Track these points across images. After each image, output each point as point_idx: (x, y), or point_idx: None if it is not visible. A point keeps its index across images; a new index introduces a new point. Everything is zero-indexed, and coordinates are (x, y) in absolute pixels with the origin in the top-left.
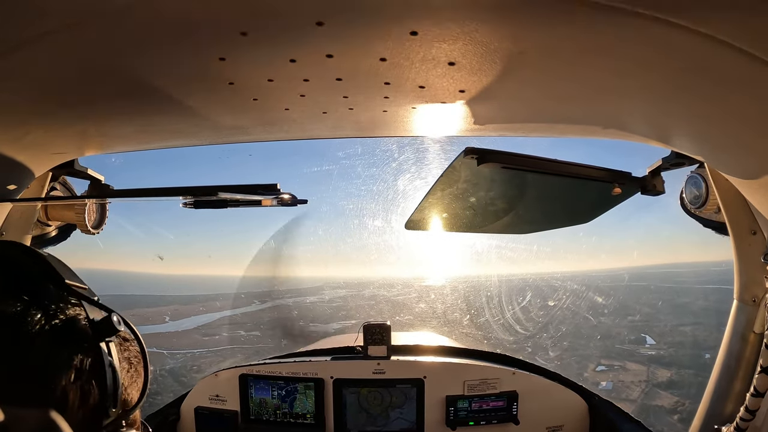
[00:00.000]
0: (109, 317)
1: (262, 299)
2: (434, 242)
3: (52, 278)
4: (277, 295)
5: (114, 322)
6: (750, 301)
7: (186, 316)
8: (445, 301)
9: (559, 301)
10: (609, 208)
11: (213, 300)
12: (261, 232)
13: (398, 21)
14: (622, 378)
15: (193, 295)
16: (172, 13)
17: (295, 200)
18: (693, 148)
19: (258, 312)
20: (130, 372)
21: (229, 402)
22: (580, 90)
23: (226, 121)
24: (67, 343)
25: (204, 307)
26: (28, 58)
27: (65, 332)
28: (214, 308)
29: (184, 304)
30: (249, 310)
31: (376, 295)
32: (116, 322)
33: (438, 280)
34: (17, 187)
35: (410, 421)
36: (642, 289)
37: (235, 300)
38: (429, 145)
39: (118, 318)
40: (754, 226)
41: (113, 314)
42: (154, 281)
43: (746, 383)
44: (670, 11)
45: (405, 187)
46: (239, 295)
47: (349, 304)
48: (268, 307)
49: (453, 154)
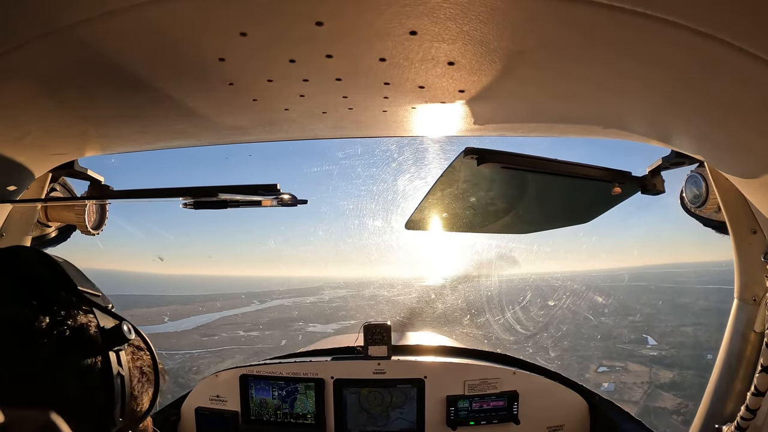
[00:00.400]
0: (119, 326)
1: (262, 299)
2: (435, 242)
3: (64, 284)
4: (276, 295)
5: (124, 332)
6: (750, 300)
7: (185, 316)
8: (446, 301)
9: (559, 301)
10: (609, 208)
11: (213, 300)
12: (260, 232)
13: (398, 21)
14: (624, 379)
15: (193, 296)
16: (171, 13)
17: (295, 200)
18: (693, 147)
19: (257, 312)
20: (142, 381)
21: (229, 402)
22: (579, 89)
23: (225, 121)
24: (76, 350)
25: (203, 307)
26: (28, 58)
27: (74, 339)
28: (214, 308)
29: (183, 305)
30: (248, 311)
31: (376, 295)
32: (126, 331)
33: (438, 280)
34: (17, 187)
35: (411, 421)
36: (642, 289)
37: (234, 300)
38: (429, 146)
39: (128, 327)
40: (754, 225)
41: (124, 323)
42: (153, 281)
43: (747, 382)
44: (671, 10)
45: (405, 188)
46: (239, 295)
47: (349, 304)
48: (268, 307)
49: (453, 154)
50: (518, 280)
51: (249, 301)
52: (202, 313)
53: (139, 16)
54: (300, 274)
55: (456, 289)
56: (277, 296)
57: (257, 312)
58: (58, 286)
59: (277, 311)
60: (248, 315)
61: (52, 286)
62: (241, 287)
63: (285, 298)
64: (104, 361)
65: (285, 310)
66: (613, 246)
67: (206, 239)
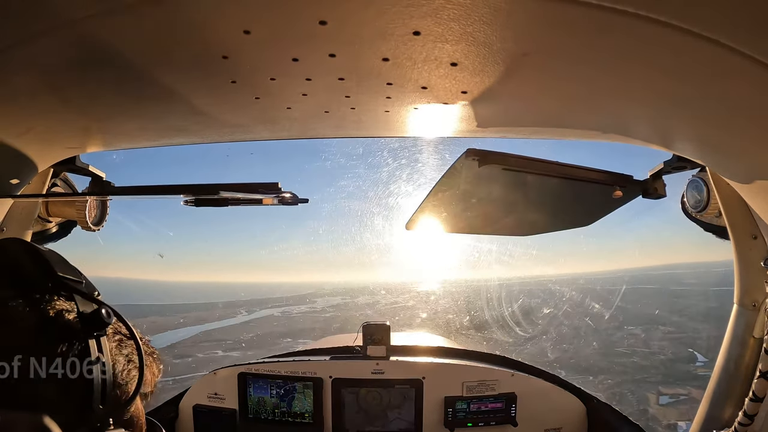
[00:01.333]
0: (98, 310)
1: (250, 308)
2: (436, 244)
3: (44, 271)
4: (265, 304)
5: (103, 316)
6: (750, 305)
7: (164, 329)
8: (446, 303)
9: (555, 307)
10: (610, 211)
11: (195, 310)
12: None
13: (401, 21)
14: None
15: (172, 305)
16: (175, 11)
17: (296, 199)
18: (695, 152)
19: (242, 326)
20: (128, 368)
21: (227, 400)
22: (582, 92)
23: (227, 119)
24: (52, 334)
25: (185, 319)
26: (31, 54)
27: (51, 323)
28: (198, 320)
29: (162, 315)
30: (234, 323)
31: (372, 302)
32: (105, 315)
33: (438, 283)
34: (18, 182)
35: (409, 422)
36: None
37: (220, 311)
38: (430, 146)
39: (107, 311)
40: (755, 230)
41: (103, 308)
42: (132, 288)
43: (745, 388)
44: (674, 14)
45: (406, 188)
46: (228, 304)
47: (344, 314)
48: (255, 318)
49: (454, 155)
50: (518, 283)
51: (235, 311)
52: (182, 326)
53: (143, 13)
54: (292, 280)
55: (456, 291)
56: (266, 305)
57: (242, 326)
58: (38, 272)
59: (264, 325)
60: (232, 329)
61: (30, 271)
62: (230, 295)
63: (275, 307)
64: (83, 346)
65: (273, 322)
66: (614, 247)
67: (192, 240)
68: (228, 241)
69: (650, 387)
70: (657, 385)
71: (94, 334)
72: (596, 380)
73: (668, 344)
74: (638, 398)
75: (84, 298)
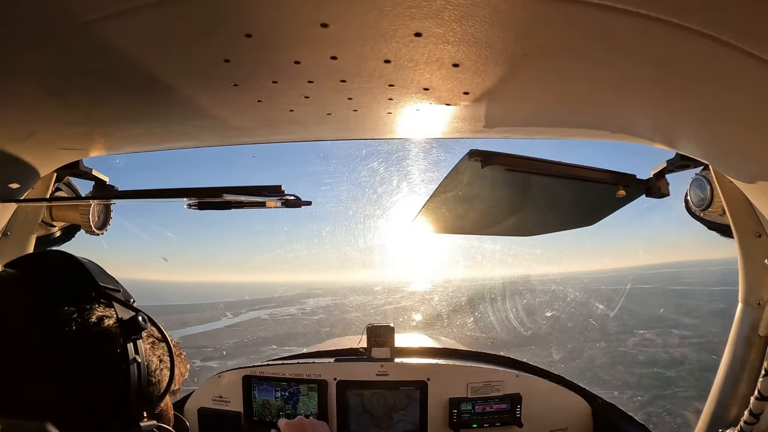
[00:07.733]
0: (135, 317)
1: (236, 310)
2: (437, 244)
3: (86, 281)
4: (252, 305)
5: (140, 322)
6: (755, 303)
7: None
8: (449, 303)
9: (558, 309)
10: (614, 211)
11: (180, 313)
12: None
13: (402, 22)
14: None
15: (164, 305)
16: (177, 14)
17: (299, 201)
18: (698, 150)
19: (225, 330)
20: (160, 368)
21: (232, 403)
22: (584, 92)
23: (230, 122)
24: (96, 339)
25: (165, 323)
26: (34, 58)
27: (94, 330)
28: (182, 322)
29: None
30: (218, 327)
31: (364, 303)
32: (142, 321)
33: (440, 283)
34: (22, 187)
35: (413, 424)
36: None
37: (204, 314)
38: (432, 147)
39: (144, 317)
40: (759, 229)
41: (139, 314)
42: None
43: (751, 386)
44: (676, 13)
45: (407, 189)
46: (213, 305)
47: (335, 316)
48: (240, 322)
49: (457, 156)
50: (522, 282)
51: (221, 314)
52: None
53: (145, 17)
54: (281, 279)
55: (459, 292)
56: (252, 306)
57: (225, 330)
58: (82, 283)
59: (249, 329)
60: (214, 335)
61: (73, 282)
62: (217, 296)
63: (262, 308)
64: (122, 349)
65: (258, 326)
66: (617, 246)
67: (186, 241)
68: (215, 242)
69: (684, 403)
70: (691, 401)
71: (131, 338)
72: (624, 396)
73: (689, 351)
74: (678, 419)
75: (122, 305)
